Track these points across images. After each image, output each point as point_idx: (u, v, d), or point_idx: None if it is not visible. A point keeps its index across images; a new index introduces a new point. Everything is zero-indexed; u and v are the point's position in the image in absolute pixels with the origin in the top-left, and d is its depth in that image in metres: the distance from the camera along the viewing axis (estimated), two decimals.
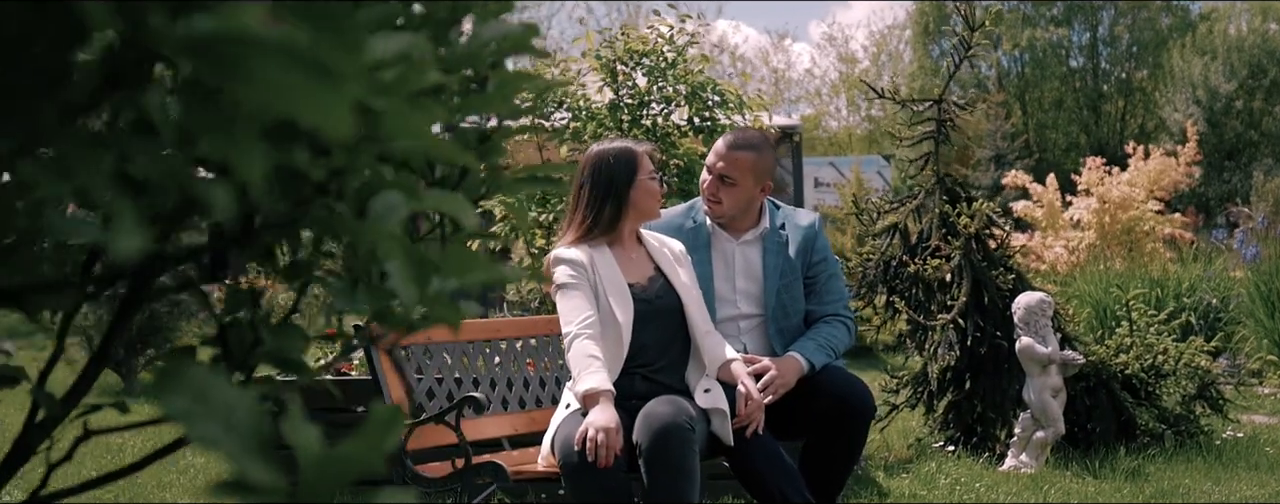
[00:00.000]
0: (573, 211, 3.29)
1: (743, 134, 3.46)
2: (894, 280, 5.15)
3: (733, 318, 3.45)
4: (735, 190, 3.39)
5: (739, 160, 3.38)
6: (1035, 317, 4.60)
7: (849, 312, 3.50)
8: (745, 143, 3.40)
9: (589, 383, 2.94)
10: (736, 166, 3.38)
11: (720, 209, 3.43)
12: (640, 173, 3.24)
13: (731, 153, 3.38)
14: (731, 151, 3.38)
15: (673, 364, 3.21)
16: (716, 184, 3.40)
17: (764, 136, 3.49)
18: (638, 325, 3.13)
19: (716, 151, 3.41)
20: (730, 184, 3.39)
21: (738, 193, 3.39)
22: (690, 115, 5.56)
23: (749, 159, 3.38)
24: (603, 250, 3.21)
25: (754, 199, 3.43)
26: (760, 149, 3.41)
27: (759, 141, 3.43)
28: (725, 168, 3.39)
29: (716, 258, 3.48)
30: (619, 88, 5.51)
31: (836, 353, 3.39)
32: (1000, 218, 5.12)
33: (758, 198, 3.45)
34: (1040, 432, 4.61)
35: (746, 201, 3.42)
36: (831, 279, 3.49)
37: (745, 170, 3.37)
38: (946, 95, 5.29)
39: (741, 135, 3.44)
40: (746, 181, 3.38)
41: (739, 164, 3.38)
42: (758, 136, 3.46)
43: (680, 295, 3.22)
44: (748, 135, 3.45)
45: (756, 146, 3.41)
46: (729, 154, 3.38)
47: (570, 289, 3.12)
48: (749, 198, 3.41)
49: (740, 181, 3.38)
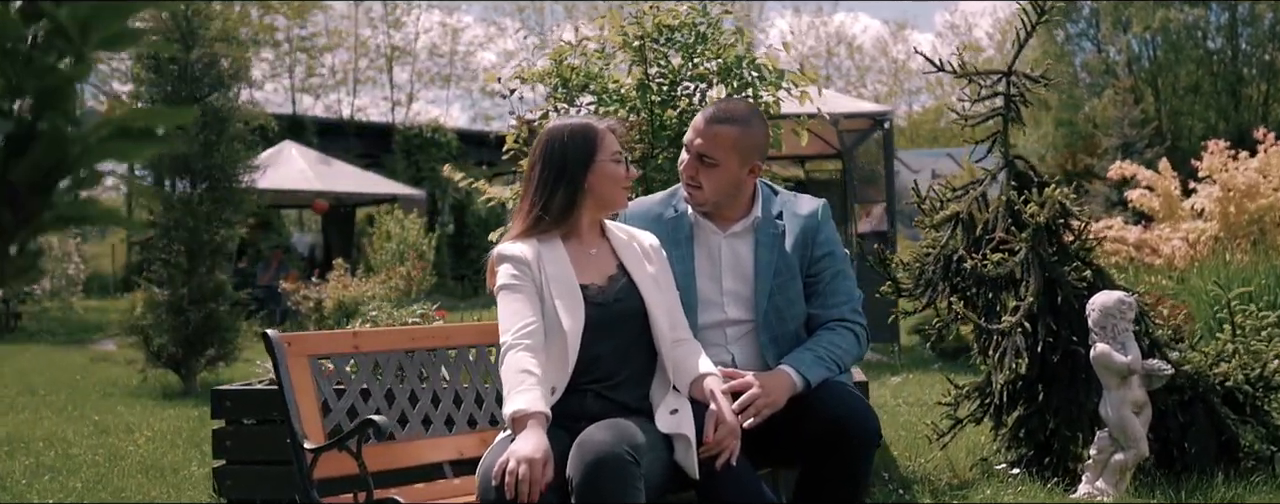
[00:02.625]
0: (522, 198, 2.83)
1: (726, 105, 2.94)
2: (955, 278, 4.53)
3: (718, 324, 2.93)
4: (717, 173, 2.87)
5: (720, 136, 2.86)
6: (1113, 319, 3.94)
7: (859, 316, 2.94)
8: (727, 115, 2.88)
9: (517, 404, 2.46)
10: (717, 144, 2.86)
11: (701, 195, 2.91)
12: (600, 153, 2.75)
13: (711, 127, 2.87)
14: (711, 126, 2.87)
15: (634, 378, 2.71)
16: (695, 165, 2.89)
17: (751, 108, 2.96)
18: (590, 333, 2.65)
19: (695, 126, 2.90)
20: (710, 165, 2.87)
21: (720, 175, 2.87)
22: (728, 94, 5.01)
23: (731, 134, 2.86)
24: (554, 244, 2.73)
25: (741, 183, 2.91)
26: (746, 122, 2.88)
27: (745, 114, 2.91)
28: (704, 145, 2.87)
29: (700, 253, 2.96)
30: (649, 67, 5.00)
31: (841, 365, 2.84)
32: (1078, 204, 4.45)
33: (746, 182, 2.92)
34: (1119, 454, 3.95)
35: (731, 186, 2.90)
36: (838, 278, 2.94)
37: (727, 148, 2.85)
38: (1017, 66, 4.65)
39: (724, 107, 2.92)
40: (730, 162, 2.86)
41: (720, 140, 2.86)
42: (743, 109, 2.93)
43: (643, 297, 2.72)
44: (731, 107, 2.92)
45: (741, 120, 2.88)
46: (708, 129, 2.87)
47: (511, 291, 2.66)
48: (734, 181, 2.89)
49: (722, 162, 2.86)
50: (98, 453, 5.37)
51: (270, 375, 4.01)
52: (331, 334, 2.78)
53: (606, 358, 2.68)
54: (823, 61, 41.32)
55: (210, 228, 8.26)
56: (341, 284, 11.14)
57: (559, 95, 5.06)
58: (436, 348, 2.92)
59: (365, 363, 2.80)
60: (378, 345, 2.83)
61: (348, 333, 2.80)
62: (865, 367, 8.59)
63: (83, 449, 5.50)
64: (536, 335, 2.60)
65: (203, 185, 8.35)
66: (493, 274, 2.74)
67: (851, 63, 41.86)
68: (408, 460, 2.80)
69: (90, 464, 5.06)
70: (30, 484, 4.60)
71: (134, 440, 5.69)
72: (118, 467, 4.96)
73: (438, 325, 2.94)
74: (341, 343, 2.78)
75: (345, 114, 34.33)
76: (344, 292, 11.03)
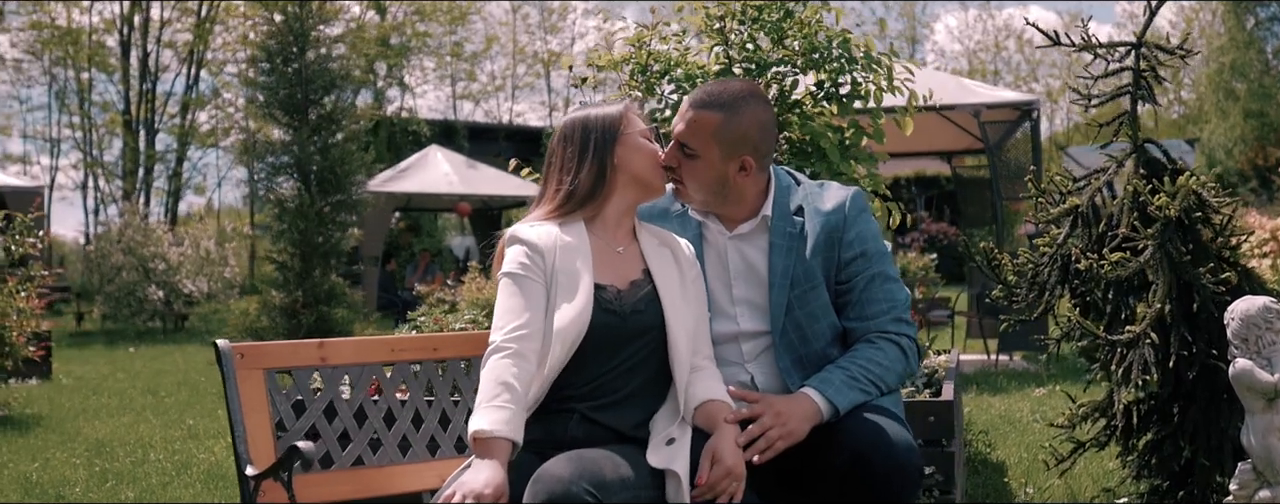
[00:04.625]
0: (543, 183, 2.47)
1: (716, 86, 2.47)
2: (1074, 281, 3.95)
3: (732, 337, 2.48)
4: (697, 166, 2.43)
5: (700, 122, 2.41)
6: (1256, 329, 3.30)
7: (904, 326, 2.45)
8: (709, 99, 2.43)
9: (481, 422, 2.10)
10: (696, 131, 2.42)
11: (683, 190, 2.48)
12: (627, 127, 2.39)
13: (691, 111, 2.43)
14: (691, 110, 2.43)
15: (635, 401, 2.30)
16: (676, 153, 2.45)
17: (747, 89, 2.46)
18: (594, 344, 2.26)
19: (681, 109, 2.47)
20: (691, 156, 2.43)
21: (700, 170, 2.43)
22: (822, 80, 4.53)
23: (712, 121, 2.40)
24: (577, 231, 2.35)
25: (726, 181, 2.44)
26: (731, 108, 2.41)
27: (732, 97, 2.43)
28: (683, 131, 2.44)
29: (709, 255, 2.53)
30: (731, 50, 4.56)
31: (881, 386, 2.36)
32: (1221, 195, 3.80)
33: (736, 180, 2.45)
34: (1264, 490, 3.31)
35: (714, 183, 2.44)
36: (874, 282, 2.45)
37: (705, 137, 2.41)
38: (1149, 38, 4.02)
39: (712, 88, 2.46)
40: (710, 154, 2.41)
41: (699, 127, 2.42)
42: (736, 90, 2.45)
43: (665, 311, 2.31)
44: (720, 88, 2.46)
45: (727, 104, 2.41)
46: (687, 112, 2.44)
47: (514, 281, 2.29)
48: (717, 178, 2.44)
49: (702, 153, 2.42)
50: (174, 459, 5.27)
51: None
52: (294, 344, 2.47)
53: (608, 375, 2.28)
54: (990, 56, 39.75)
55: (323, 230, 8.20)
56: (475, 286, 11.03)
57: (634, 82, 4.67)
58: (420, 360, 2.57)
59: (333, 377, 2.47)
60: (349, 358, 2.50)
61: (312, 343, 2.48)
62: (1005, 377, 7.91)
63: (161, 455, 5.40)
64: (530, 340, 2.23)
65: (315, 188, 8.29)
66: (500, 259, 2.38)
67: (1021, 57, 40.10)
68: (381, 489, 2.46)
69: (159, 472, 4.94)
70: (86, 491, 4.48)
71: (211, 448, 5.58)
72: (183, 475, 4.82)
73: (424, 336, 2.59)
74: (305, 354, 2.46)
75: (504, 119, 34.78)
76: (478, 294, 10.92)
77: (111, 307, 16.42)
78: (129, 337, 15.33)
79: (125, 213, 18.46)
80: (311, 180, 8.26)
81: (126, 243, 16.25)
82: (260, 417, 2.35)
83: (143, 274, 16.16)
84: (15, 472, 5.06)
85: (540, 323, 2.24)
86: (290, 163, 8.23)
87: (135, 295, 16.20)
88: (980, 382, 7.78)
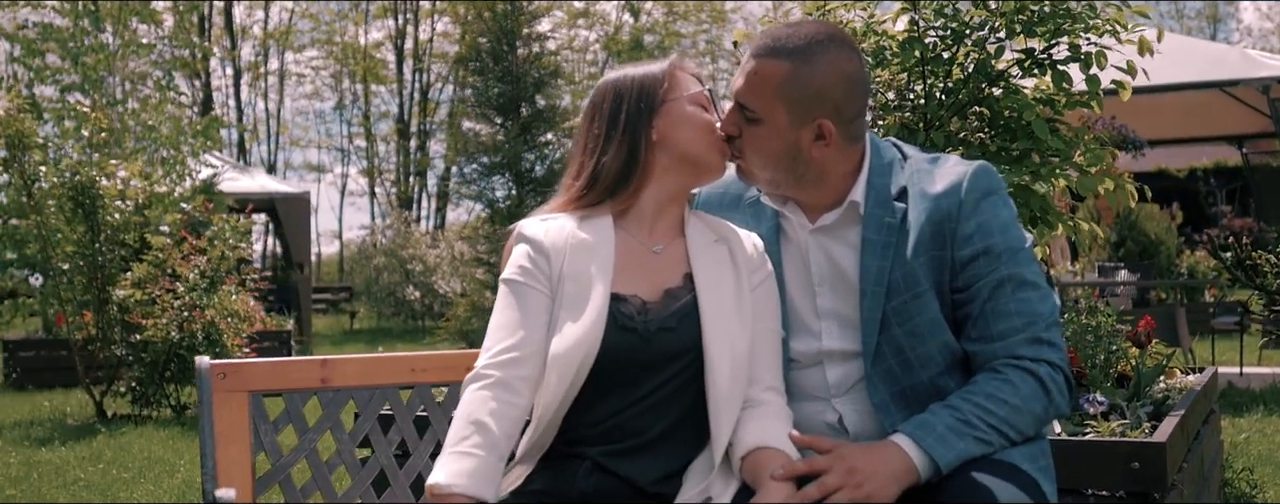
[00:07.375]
0: (569, 165, 1.99)
1: (785, 28, 1.85)
2: None
3: (814, 358, 1.89)
4: (759, 133, 1.84)
5: (761, 75, 1.82)
6: None
7: (1045, 349, 1.77)
8: (777, 44, 1.82)
9: (439, 474, 1.65)
10: (757, 87, 1.83)
11: (746, 169, 1.90)
12: (671, 91, 1.88)
13: (751, 61, 1.84)
14: (754, 59, 1.84)
15: (662, 446, 1.78)
16: (735, 117, 1.87)
17: (824, 32, 1.83)
18: (609, 372, 1.76)
19: (741, 64, 1.88)
20: (753, 121, 1.84)
21: (764, 138, 1.84)
22: (1031, 47, 3.79)
23: (777, 73, 1.81)
24: (599, 225, 1.86)
25: (800, 153, 1.84)
26: (804, 55, 1.80)
27: (807, 40, 1.82)
28: (742, 88, 1.85)
29: (788, 255, 1.94)
30: (923, 13, 3.90)
31: (1008, 433, 1.71)
32: None
33: (812, 152, 1.84)
34: None
35: (782, 156, 1.85)
36: (1005, 289, 1.79)
37: (769, 95, 1.81)
38: None
39: (779, 32, 1.84)
40: (775, 116, 1.82)
41: (760, 82, 1.83)
42: (809, 32, 1.83)
43: (703, 330, 1.76)
44: (790, 31, 1.83)
45: (796, 50, 1.81)
46: (749, 62, 1.84)
47: (511, 291, 1.84)
48: (786, 149, 1.84)
49: (765, 116, 1.83)
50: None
51: None
52: (288, 363, 2.08)
53: (625, 412, 1.76)
54: None
55: None
56: None
57: None
58: (446, 383, 2.13)
59: (335, 402, 2.07)
60: (358, 379, 2.09)
61: (313, 361, 2.08)
62: None
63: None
64: (520, 366, 1.76)
65: (526, 187, 8.10)
66: (506, 257, 1.92)
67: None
68: None
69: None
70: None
71: None
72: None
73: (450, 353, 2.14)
74: (302, 374, 2.07)
75: None
76: None
77: (375, 306, 17.14)
78: (394, 335, 15.88)
79: (390, 216, 19.28)
80: (520, 180, 8.08)
81: (387, 246, 16.93)
82: (238, 445, 1.98)
83: (403, 275, 16.77)
84: None
85: (538, 343, 1.76)
86: (501, 162, 8.07)
87: (396, 295, 16.83)
88: (1272, 400, 6.59)
